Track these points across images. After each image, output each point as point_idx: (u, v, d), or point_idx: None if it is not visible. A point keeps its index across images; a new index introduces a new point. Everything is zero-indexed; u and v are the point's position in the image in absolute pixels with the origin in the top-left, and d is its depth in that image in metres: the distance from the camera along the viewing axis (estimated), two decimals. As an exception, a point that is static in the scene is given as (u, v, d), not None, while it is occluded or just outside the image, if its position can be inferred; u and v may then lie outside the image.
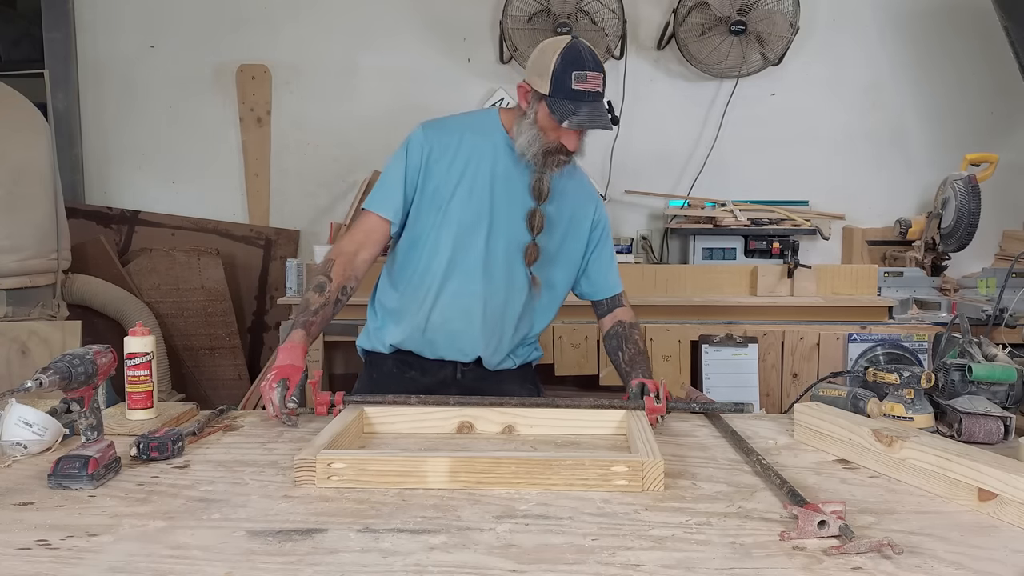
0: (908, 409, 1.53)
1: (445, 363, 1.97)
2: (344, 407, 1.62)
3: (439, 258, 1.88)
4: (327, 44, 3.97)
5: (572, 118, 1.74)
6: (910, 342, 2.85)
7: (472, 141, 1.90)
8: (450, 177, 1.87)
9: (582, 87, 1.74)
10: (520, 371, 2.05)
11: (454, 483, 1.25)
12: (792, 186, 3.92)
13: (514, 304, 1.93)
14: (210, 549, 1.02)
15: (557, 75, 1.74)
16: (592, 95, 1.75)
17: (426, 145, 1.88)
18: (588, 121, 1.75)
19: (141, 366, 1.60)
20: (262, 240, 3.97)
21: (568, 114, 1.74)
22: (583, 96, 1.74)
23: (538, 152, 1.82)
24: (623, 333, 1.99)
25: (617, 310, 2.04)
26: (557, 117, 1.74)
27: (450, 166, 1.88)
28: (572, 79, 1.73)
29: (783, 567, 0.97)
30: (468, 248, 1.88)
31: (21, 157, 3.07)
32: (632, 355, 1.94)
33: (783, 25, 3.70)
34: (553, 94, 1.75)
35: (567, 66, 1.74)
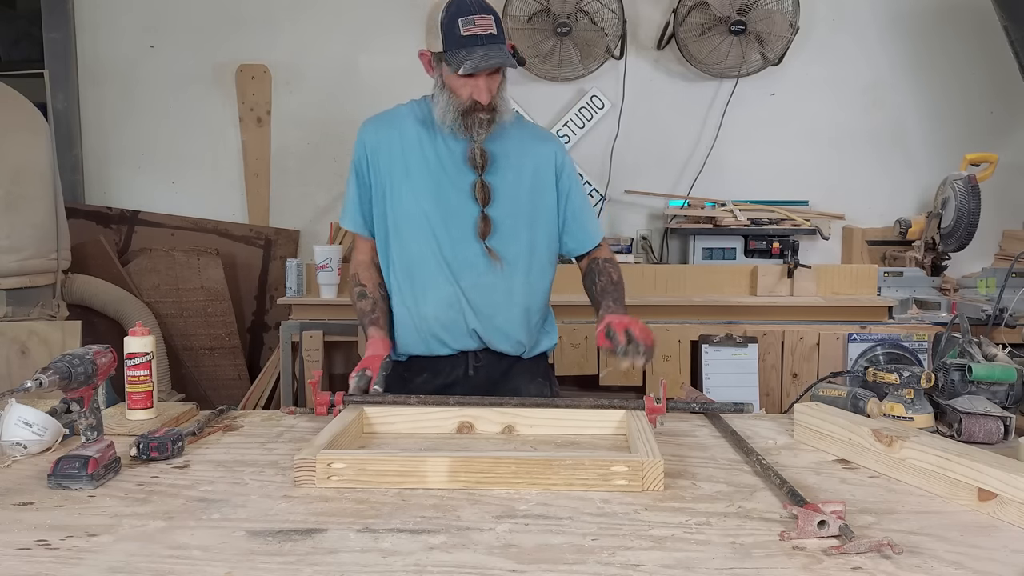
0: (908, 409, 1.53)
1: (456, 359, 1.94)
2: (344, 407, 1.62)
3: (405, 253, 1.88)
4: (327, 44, 3.97)
5: (467, 63, 1.70)
6: (910, 342, 2.84)
7: (407, 130, 1.88)
8: (393, 171, 1.87)
9: (471, 31, 1.70)
10: (533, 363, 2.00)
11: (454, 483, 1.25)
12: (792, 186, 3.92)
13: (497, 282, 1.89)
14: (210, 549, 1.02)
15: (446, 27, 1.72)
16: (484, 37, 1.71)
17: (368, 144, 1.90)
18: (482, 62, 1.70)
19: (141, 366, 1.60)
20: (262, 240, 3.97)
21: (463, 60, 1.70)
22: (475, 40, 1.70)
23: (456, 116, 1.79)
24: (597, 268, 1.96)
25: (594, 251, 2.01)
26: (453, 67, 1.71)
27: (392, 157, 1.88)
28: (460, 26, 1.70)
29: (783, 567, 0.97)
30: (427, 236, 1.86)
31: (21, 157, 3.07)
32: (603, 285, 1.91)
33: (783, 25, 3.70)
34: (447, 47, 1.73)
35: (452, 16, 1.71)
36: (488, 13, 1.73)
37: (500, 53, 1.72)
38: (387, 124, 1.91)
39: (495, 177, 1.87)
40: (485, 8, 1.74)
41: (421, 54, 1.83)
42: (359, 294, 1.93)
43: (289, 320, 3.23)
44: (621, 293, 1.91)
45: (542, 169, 1.93)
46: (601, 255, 1.99)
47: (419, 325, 1.91)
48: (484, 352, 1.94)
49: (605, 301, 1.87)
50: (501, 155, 1.87)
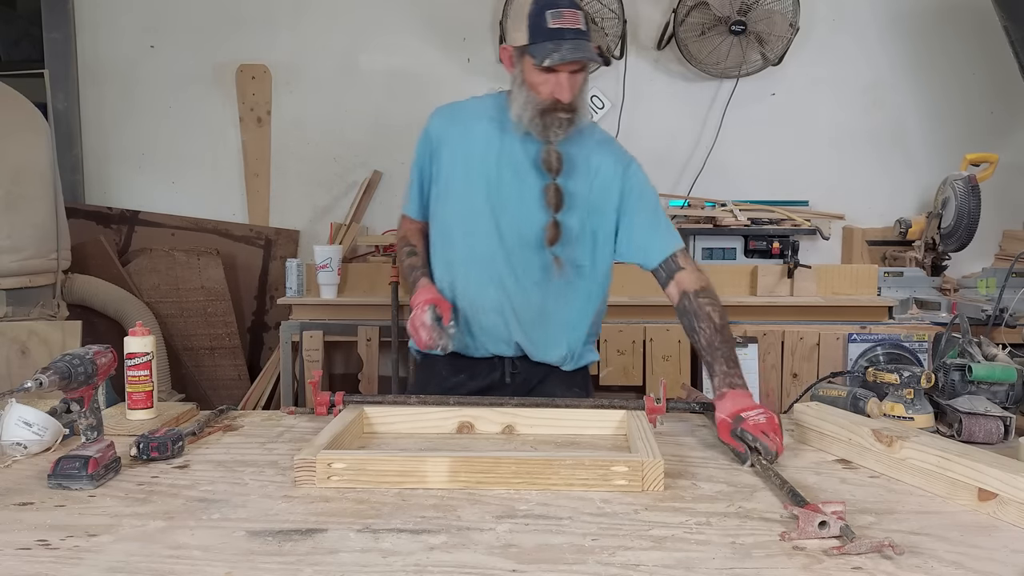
0: (908, 409, 1.53)
1: (494, 363, 1.90)
2: (344, 407, 1.62)
3: (455, 251, 1.84)
4: (327, 44, 3.97)
5: (553, 55, 1.63)
6: (910, 342, 2.84)
7: (478, 126, 1.83)
8: (455, 166, 1.83)
9: (560, 24, 1.64)
10: (571, 374, 1.94)
11: (454, 483, 1.25)
12: (792, 186, 3.92)
13: (544, 291, 1.83)
14: (210, 549, 1.02)
15: (532, 20, 1.66)
16: (573, 31, 1.65)
17: (433, 134, 1.85)
18: (570, 54, 1.63)
19: (141, 366, 1.59)
20: (262, 240, 3.97)
21: (549, 52, 1.63)
22: (563, 34, 1.64)
23: (534, 114, 1.71)
24: (691, 308, 1.71)
25: (678, 275, 1.77)
26: (538, 59, 1.64)
27: (455, 154, 1.83)
28: (548, 18, 1.64)
29: (783, 567, 0.97)
30: (480, 237, 1.81)
31: (21, 157, 3.07)
32: (709, 337, 1.65)
33: (783, 25, 3.70)
34: (532, 40, 1.66)
35: (541, 8, 1.66)
36: (577, 9, 1.68)
37: (587, 49, 1.66)
38: (458, 117, 1.86)
39: (568, 182, 1.78)
40: (574, 3, 1.69)
41: (503, 49, 1.77)
42: (409, 252, 1.91)
43: (289, 320, 3.23)
44: (732, 346, 1.64)
45: (607, 181, 1.82)
46: (691, 286, 1.74)
47: (462, 323, 1.85)
48: (522, 359, 1.90)
49: (718, 365, 1.60)
50: (575, 159, 1.79)
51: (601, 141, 1.88)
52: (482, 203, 1.80)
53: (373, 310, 3.19)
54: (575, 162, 1.79)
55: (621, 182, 1.82)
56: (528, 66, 1.69)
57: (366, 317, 3.19)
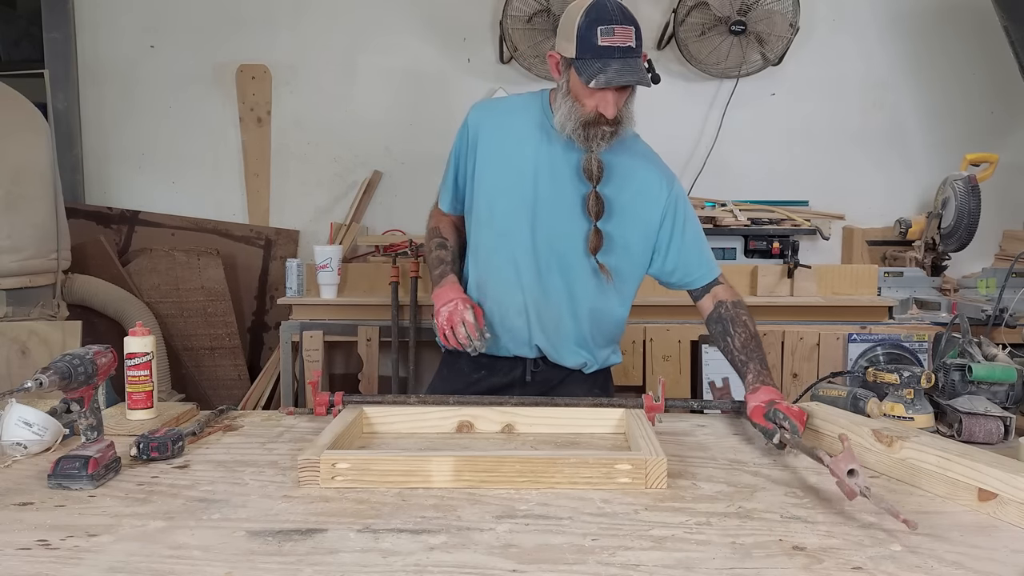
0: (908, 409, 1.53)
1: (516, 361, 1.89)
2: (344, 407, 1.62)
3: (484, 251, 1.83)
4: (327, 44, 3.97)
5: (599, 76, 1.59)
6: (910, 342, 2.84)
7: (518, 125, 1.80)
8: (492, 164, 1.80)
9: (610, 42, 1.60)
10: (592, 376, 1.94)
11: (458, 482, 1.25)
12: (792, 186, 3.92)
13: (573, 296, 1.82)
14: (210, 549, 1.02)
15: (582, 34, 1.61)
16: (623, 50, 1.61)
17: (472, 129, 1.83)
18: (617, 77, 1.59)
19: (141, 366, 1.59)
20: (262, 240, 3.97)
21: (596, 73, 1.60)
22: (612, 52, 1.60)
23: (577, 125, 1.69)
24: (727, 315, 1.77)
25: (715, 288, 1.83)
26: (584, 78, 1.61)
27: (493, 152, 1.80)
28: (598, 35, 1.60)
29: (783, 567, 0.97)
30: (513, 238, 1.79)
31: (21, 157, 3.07)
32: (744, 340, 1.72)
33: (783, 25, 3.70)
34: (580, 55, 1.62)
35: (592, 23, 1.61)
36: (630, 24, 1.63)
37: (636, 69, 1.62)
38: (499, 116, 1.84)
39: (608, 190, 1.77)
40: (628, 18, 1.63)
41: (550, 56, 1.74)
42: (439, 244, 1.88)
43: (289, 320, 3.23)
44: (764, 353, 1.72)
45: (647, 196, 1.81)
46: (727, 297, 1.82)
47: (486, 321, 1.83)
48: (543, 360, 1.90)
49: (752, 364, 1.67)
50: (614, 168, 1.77)
51: (645, 155, 1.86)
52: (518, 204, 1.78)
53: (373, 310, 3.19)
54: (615, 171, 1.77)
55: (666, 201, 1.81)
56: (575, 79, 1.66)
57: (366, 317, 3.19)
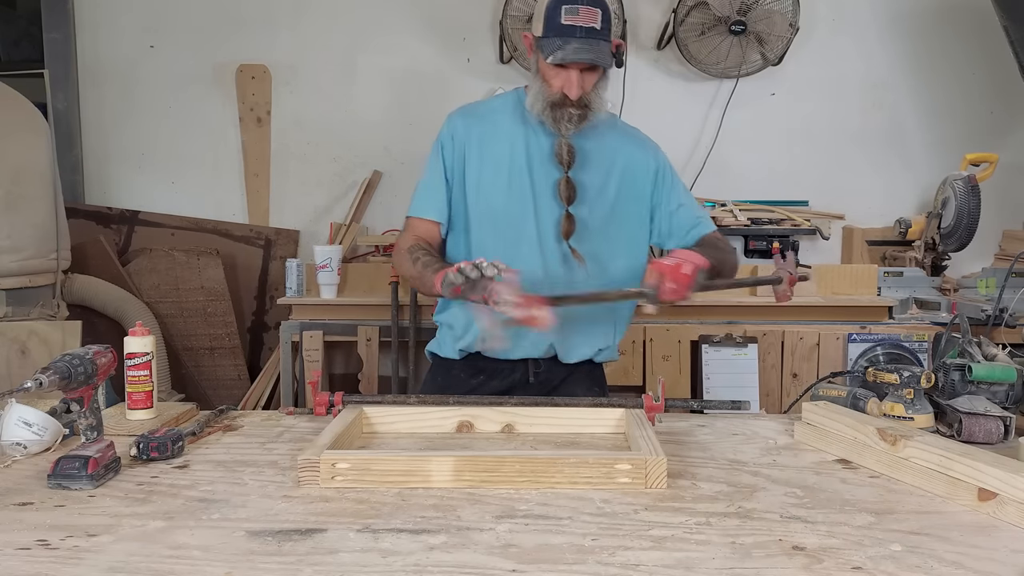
0: (908, 409, 1.53)
1: (516, 364, 1.87)
2: (343, 407, 1.62)
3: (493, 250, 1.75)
4: (327, 44, 3.97)
5: (557, 52, 1.62)
6: (910, 342, 2.84)
7: (501, 122, 1.80)
8: (486, 167, 1.79)
9: (573, 21, 1.62)
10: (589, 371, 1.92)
11: (458, 482, 1.25)
12: (792, 186, 3.92)
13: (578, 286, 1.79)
14: (210, 549, 1.02)
15: (549, 12, 1.64)
16: (586, 30, 1.63)
17: (456, 136, 1.81)
18: (573, 55, 1.61)
19: (141, 366, 1.59)
20: (262, 240, 3.97)
21: (555, 49, 1.62)
22: (574, 31, 1.62)
23: (544, 106, 1.71)
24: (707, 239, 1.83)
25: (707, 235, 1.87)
26: (544, 54, 1.64)
27: (485, 155, 1.79)
28: (562, 13, 1.63)
29: (783, 567, 0.97)
30: (519, 238, 1.78)
31: (21, 157, 3.07)
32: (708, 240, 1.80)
33: (783, 25, 3.70)
34: (545, 33, 1.65)
35: (558, 2, 1.64)
36: (596, 7, 1.64)
37: (596, 49, 1.64)
38: (478, 116, 1.84)
39: (582, 175, 1.77)
40: (595, 1, 1.65)
41: (524, 36, 1.77)
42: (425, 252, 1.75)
43: (289, 320, 3.23)
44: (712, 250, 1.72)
45: (635, 175, 1.82)
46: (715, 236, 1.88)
47: None
48: (547, 360, 1.87)
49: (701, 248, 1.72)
50: (591, 153, 1.78)
51: (626, 132, 1.88)
52: (521, 202, 1.78)
53: (373, 310, 3.19)
54: (590, 155, 1.78)
55: (654, 171, 1.84)
56: (541, 58, 1.69)
57: (366, 317, 3.19)
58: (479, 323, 1.56)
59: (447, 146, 1.82)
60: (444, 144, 1.82)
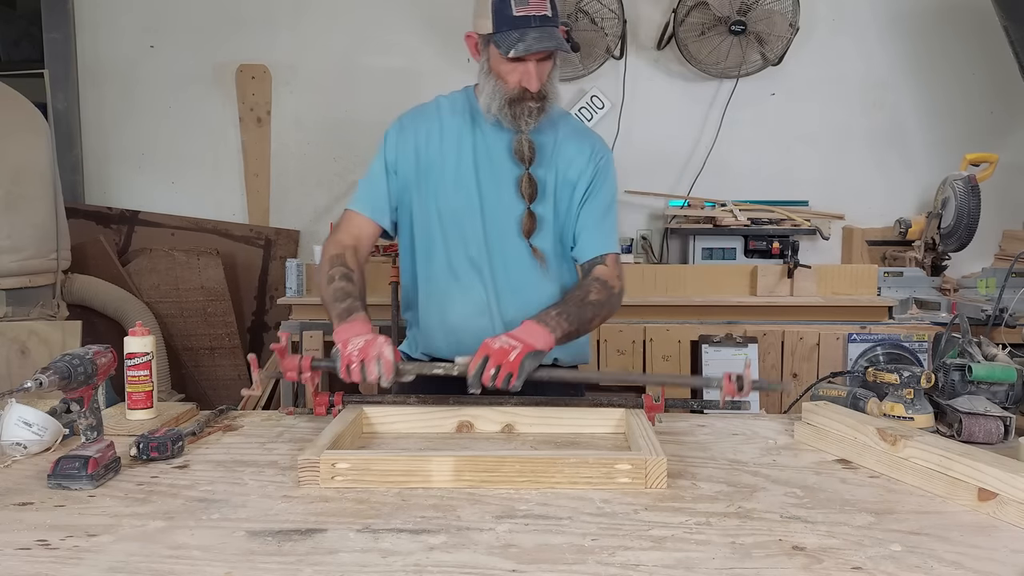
0: (908, 409, 1.53)
1: None
2: (344, 407, 1.62)
3: (438, 256, 1.77)
4: (327, 44, 3.97)
5: (519, 44, 1.58)
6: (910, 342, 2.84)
7: (448, 123, 1.77)
8: (431, 166, 1.76)
9: (525, 11, 1.59)
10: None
11: (459, 482, 1.24)
12: (792, 186, 3.92)
13: (533, 286, 1.77)
14: (210, 549, 1.02)
15: (497, 7, 1.61)
16: (539, 19, 1.60)
17: (402, 139, 1.78)
18: (536, 44, 1.59)
19: (141, 366, 1.59)
20: (262, 240, 3.97)
21: (514, 42, 1.59)
22: (528, 21, 1.59)
23: (502, 104, 1.67)
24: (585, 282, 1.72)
25: (598, 268, 1.75)
26: (503, 49, 1.60)
27: (430, 154, 1.76)
28: (512, 5, 1.59)
29: (783, 567, 0.97)
30: (466, 238, 1.75)
31: (21, 157, 3.07)
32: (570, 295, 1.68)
33: (783, 25, 3.70)
34: (498, 28, 1.61)
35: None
36: None
37: (554, 36, 1.62)
38: (424, 118, 1.80)
39: (541, 171, 1.74)
40: None
41: (467, 37, 1.73)
42: (343, 274, 1.68)
43: (289, 320, 3.23)
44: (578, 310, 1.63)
45: (572, 166, 1.78)
46: (600, 274, 1.74)
47: (446, 332, 1.80)
48: None
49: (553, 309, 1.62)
50: (547, 147, 1.75)
51: (578, 130, 1.84)
52: (467, 202, 1.74)
53: (373, 310, 3.12)
54: (546, 151, 1.75)
55: (592, 175, 1.78)
56: (494, 55, 1.65)
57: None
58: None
59: (390, 146, 1.79)
60: (388, 144, 1.80)
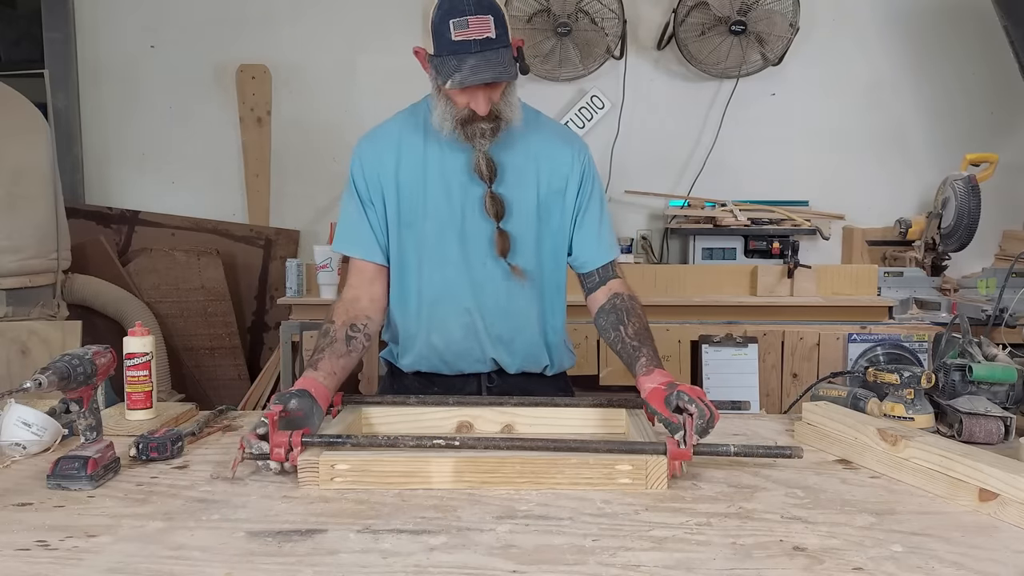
0: (908, 409, 1.53)
1: (468, 377, 1.79)
2: (344, 408, 1.62)
3: (418, 278, 1.70)
4: (327, 44, 3.97)
5: (455, 76, 1.47)
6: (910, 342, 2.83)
7: (412, 144, 1.68)
8: (402, 193, 1.68)
9: (464, 36, 1.46)
10: (553, 379, 1.85)
11: (459, 483, 1.24)
12: (792, 186, 3.92)
13: (513, 302, 1.72)
14: (209, 550, 1.02)
15: (436, 28, 1.48)
16: (480, 43, 1.47)
17: (366, 165, 1.69)
18: (472, 75, 1.46)
19: (140, 366, 1.59)
20: (262, 240, 3.97)
21: (451, 72, 1.48)
22: (468, 47, 1.47)
23: (454, 125, 1.58)
24: (623, 305, 1.65)
25: (612, 282, 1.72)
26: (442, 78, 1.51)
27: (400, 180, 1.68)
28: (451, 29, 1.47)
29: (783, 568, 0.97)
30: (444, 259, 1.69)
31: (21, 157, 3.07)
32: (638, 329, 1.60)
33: (783, 25, 3.70)
34: (437, 52, 1.50)
35: (444, 15, 1.47)
36: (486, 13, 1.48)
37: (495, 63, 1.48)
38: (384, 140, 1.71)
39: (506, 188, 1.66)
40: (484, 6, 1.49)
41: (415, 52, 1.62)
42: (322, 331, 1.64)
43: (289, 320, 3.22)
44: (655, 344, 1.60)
45: (556, 174, 1.70)
46: (623, 290, 1.71)
47: (428, 350, 1.76)
48: (498, 373, 1.80)
49: (645, 349, 1.55)
50: (511, 163, 1.67)
51: (555, 134, 1.75)
52: (443, 222, 1.68)
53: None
54: (513, 164, 1.67)
55: (580, 178, 1.72)
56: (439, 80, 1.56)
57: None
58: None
59: (359, 179, 1.71)
60: (355, 177, 1.71)
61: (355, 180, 1.71)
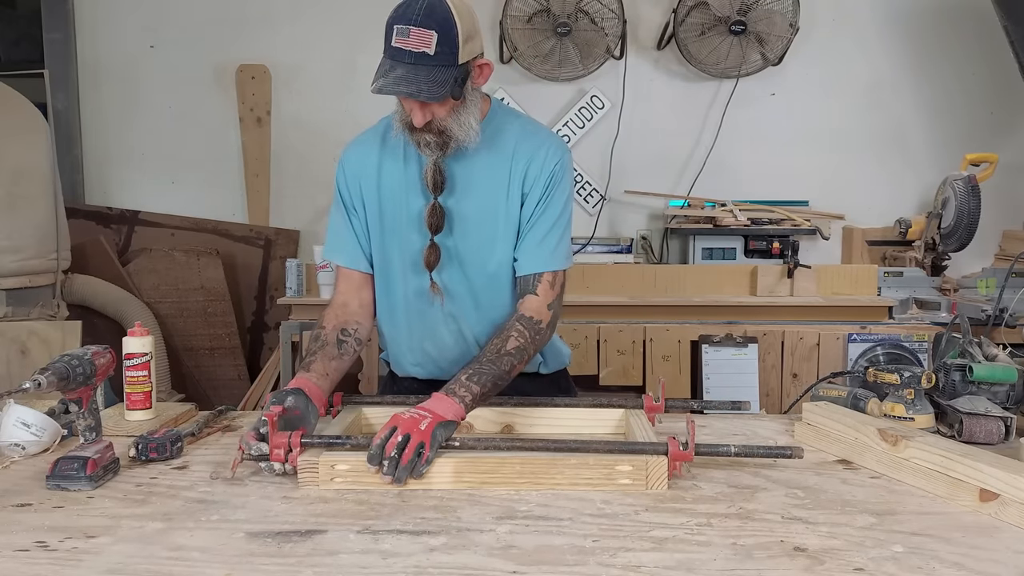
0: (908, 409, 1.53)
1: None
2: (343, 408, 1.62)
3: (403, 284, 1.67)
4: (327, 44, 3.96)
5: (379, 80, 1.44)
6: (910, 342, 2.84)
7: (392, 148, 1.66)
8: (384, 196, 1.65)
9: (402, 44, 1.42)
10: (552, 377, 1.82)
11: (459, 483, 1.24)
12: (792, 186, 3.92)
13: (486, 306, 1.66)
14: (209, 550, 1.02)
15: (386, 31, 1.45)
16: (415, 55, 1.42)
17: (348, 171, 1.69)
18: (391, 85, 1.42)
19: (140, 366, 1.59)
20: (262, 240, 3.97)
21: (379, 76, 1.44)
22: (402, 56, 1.42)
23: (403, 128, 1.55)
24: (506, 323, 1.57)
25: (526, 298, 1.59)
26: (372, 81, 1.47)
27: (378, 185, 1.66)
28: (394, 34, 1.43)
29: (784, 568, 0.97)
30: (389, 274, 1.67)
31: (21, 157, 3.07)
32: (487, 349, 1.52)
33: (783, 25, 3.70)
34: (383, 54, 1.47)
35: (392, 20, 1.45)
36: (431, 29, 1.42)
37: (421, 80, 1.42)
38: (366, 147, 1.69)
39: (456, 200, 1.60)
40: (432, 22, 1.42)
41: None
42: (313, 336, 1.62)
43: (289, 320, 3.22)
44: (492, 367, 1.47)
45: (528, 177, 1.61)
46: (527, 311, 1.57)
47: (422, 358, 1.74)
48: None
49: (463, 370, 1.46)
50: (466, 175, 1.60)
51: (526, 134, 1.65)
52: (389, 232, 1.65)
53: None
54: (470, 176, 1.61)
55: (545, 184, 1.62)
56: None
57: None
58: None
59: (342, 187, 1.70)
60: (339, 185, 1.71)
61: (339, 188, 1.71)
